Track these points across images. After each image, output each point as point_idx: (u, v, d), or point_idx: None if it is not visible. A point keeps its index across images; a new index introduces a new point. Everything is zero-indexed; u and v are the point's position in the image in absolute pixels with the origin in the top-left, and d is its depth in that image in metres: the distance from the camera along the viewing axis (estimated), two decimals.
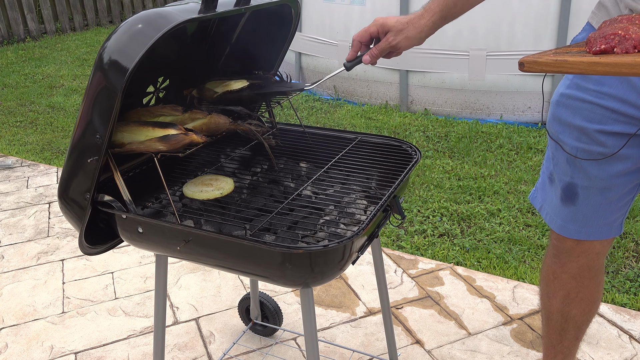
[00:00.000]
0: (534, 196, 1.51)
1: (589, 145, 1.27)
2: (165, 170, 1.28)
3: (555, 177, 1.39)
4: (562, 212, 1.38)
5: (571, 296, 1.48)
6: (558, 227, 1.40)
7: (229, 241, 1.15)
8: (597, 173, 1.29)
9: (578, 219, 1.36)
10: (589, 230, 1.37)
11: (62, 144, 4.17)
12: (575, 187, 1.33)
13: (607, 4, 1.21)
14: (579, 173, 1.32)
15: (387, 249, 2.64)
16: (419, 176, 3.32)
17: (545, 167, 1.45)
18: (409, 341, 2.06)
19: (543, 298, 1.57)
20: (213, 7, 1.18)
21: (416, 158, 1.49)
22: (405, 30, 1.29)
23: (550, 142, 1.37)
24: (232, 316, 2.24)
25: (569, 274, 1.46)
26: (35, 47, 7.47)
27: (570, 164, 1.32)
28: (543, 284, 1.55)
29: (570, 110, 1.28)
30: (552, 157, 1.39)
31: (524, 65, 0.97)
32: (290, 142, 1.65)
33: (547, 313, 1.56)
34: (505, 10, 3.95)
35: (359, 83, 4.68)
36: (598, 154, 1.26)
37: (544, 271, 1.54)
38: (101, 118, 1.13)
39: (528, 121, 4.16)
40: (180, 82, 1.56)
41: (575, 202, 1.35)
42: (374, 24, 1.32)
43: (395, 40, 1.30)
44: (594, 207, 1.34)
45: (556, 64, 0.94)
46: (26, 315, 2.29)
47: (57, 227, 2.99)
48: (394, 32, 1.29)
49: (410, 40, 1.30)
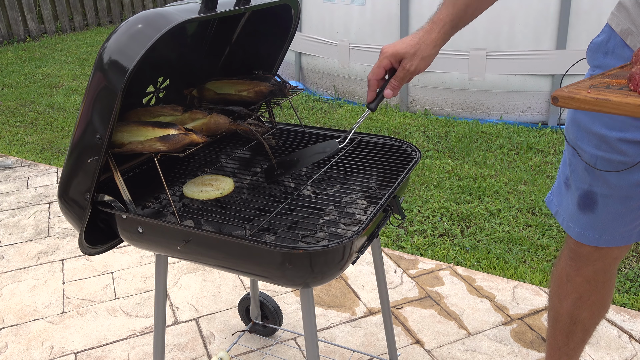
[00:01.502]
0: (550, 200, 1.47)
1: (608, 153, 1.22)
2: (165, 170, 1.29)
3: (572, 183, 1.35)
4: (581, 219, 1.34)
5: (583, 299, 1.45)
6: (576, 234, 1.37)
7: (229, 241, 1.15)
8: (617, 182, 1.25)
9: (597, 226, 1.32)
10: (608, 237, 1.33)
11: (62, 144, 4.17)
12: (594, 195, 1.29)
13: (628, 5, 1.16)
14: (598, 181, 1.27)
15: (387, 249, 2.64)
16: (419, 176, 3.32)
17: (561, 171, 1.41)
18: (409, 341, 2.06)
19: (553, 299, 1.53)
20: (213, 7, 1.18)
21: (416, 158, 1.49)
22: (419, 52, 1.21)
23: (568, 147, 1.33)
24: (232, 316, 2.23)
25: (584, 278, 1.43)
26: (35, 47, 7.47)
27: (588, 172, 1.28)
28: (554, 285, 1.52)
29: (590, 116, 1.23)
30: (569, 163, 1.35)
31: (558, 100, 0.88)
32: (290, 142, 1.65)
33: (556, 314, 1.53)
34: (505, 10, 3.95)
35: (359, 83, 4.68)
36: (618, 162, 1.21)
37: (557, 273, 1.50)
38: (101, 118, 1.13)
39: (528, 121, 4.16)
40: (180, 82, 1.56)
41: (594, 210, 1.31)
42: (384, 56, 1.23)
43: (413, 66, 1.22)
44: (614, 216, 1.29)
45: (597, 103, 0.85)
46: (26, 315, 2.29)
47: (57, 227, 2.99)
48: (408, 57, 1.21)
49: (426, 59, 1.22)
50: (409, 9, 4.20)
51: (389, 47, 1.23)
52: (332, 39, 4.74)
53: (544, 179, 3.23)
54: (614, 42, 1.19)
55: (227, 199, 1.36)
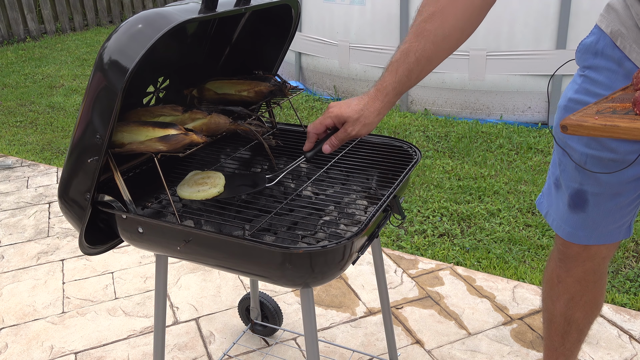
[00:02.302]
0: (540, 201, 1.49)
1: (598, 151, 1.23)
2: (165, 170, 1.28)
3: (563, 183, 1.36)
4: (571, 219, 1.36)
5: (575, 300, 1.47)
6: (566, 234, 1.38)
7: (229, 241, 1.15)
8: (608, 180, 1.26)
9: (588, 225, 1.34)
10: (598, 235, 1.34)
11: (62, 144, 4.17)
12: (585, 193, 1.30)
13: (618, 8, 1.17)
14: (589, 180, 1.29)
15: (387, 249, 2.64)
16: (419, 176, 3.32)
17: (551, 173, 1.42)
18: (409, 341, 2.06)
19: (546, 301, 1.55)
20: (213, 7, 1.18)
21: (416, 158, 1.49)
22: (362, 118, 1.22)
23: (557, 148, 1.34)
24: (232, 316, 2.24)
25: (574, 278, 1.44)
26: (35, 47, 7.46)
27: (579, 171, 1.29)
28: (546, 287, 1.53)
29: None
30: (558, 163, 1.36)
31: (567, 128, 0.90)
32: (290, 142, 1.65)
33: (550, 316, 1.55)
34: (505, 10, 3.95)
35: (359, 83, 4.68)
36: (609, 160, 1.23)
37: (548, 274, 1.52)
38: (101, 118, 1.13)
39: (528, 121, 4.16)
40: (180, 82, 1.56)
41: (585, 209, 1.32)
42: (329, 115, 1.25)
43: (354, 130, 1.24)
44: (604, 213, 1.31)
45: (606, 129, 0.87)
46: (26, 315, 2.29)
47: (57, 227, 2.99)
48: (351, 122, 1.23)
49: (368, 126, 1.24)
50: (409, 9, 4.20)
51: (335, 108, 1.24)
52: (332, 39, 4.74)
53: (544, 179, 3.23)
54: (603, 43, 1.20)
55: (227, 199, 1.36)
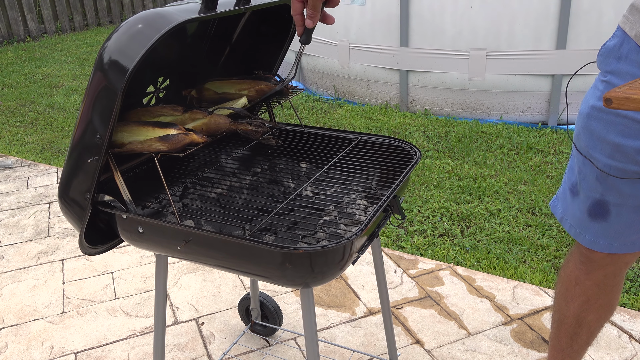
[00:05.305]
0: (554, 204, 1.45)
1: (623, 163, 1.18)
2: (165, 170, 1.29)
3: (582, 192, 1.31)
4: (592, 227, 1.32)
5: (591, 302, 1.44)
6: (588, 242, 1.34)
7: (229, 241, 1.15)
8: (630, 192, 1.21)
9: (609, 234, 1.30)
10: (620, 244, 1.30)
11: (62, 144, 4.17)
12: (606, 204, 1.26)
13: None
14: (611, 191, 1.24)
15: (387, 249, 2.64)
16: (419, 176, 3.32)
17: (567, 177, 1.37)
18: (409, 341, 2.06)
19: (559, 301, 1.51)
20: (213, 7, 1.18)
21: (416, 158, 1.49)
22: None
23: (578, 156, 1.29)
24: (232, 316, 2.24)
25: (593, 281, 1.41)
26: (35, 47, 7.46)
27: (600, 181, 1.24)
28: (562, 288, 1.49)
29: (604, 124, 1.19)
30: (578, 171, 1.31)
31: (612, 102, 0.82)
32: (290, 142, 1.65)
33: (562, 316, 1.51)
34: (505, 10, 3.95)
35: (359, 83, 4.68)
36: (633, 172, 1.17)
37: (565, 275, 1.48)
38: (101, 118, 1.13)
39: (528, 121, 4.16)
40: (180, 82, 1.56)
41: (606, 219, 1.28)
42: None
43: None
44: (627, 224, 1.27)
45: None
46: (26, 315, 2.29)
47: (57, 227, 2.99)
48: None
49: None
50: (409, 9, 4.20)
51: None
52: (332, 39, 4.74)
53: (544, 179, 3.23)
54: (627, 46, 1.14)
55: (227, 199, 1.36)
